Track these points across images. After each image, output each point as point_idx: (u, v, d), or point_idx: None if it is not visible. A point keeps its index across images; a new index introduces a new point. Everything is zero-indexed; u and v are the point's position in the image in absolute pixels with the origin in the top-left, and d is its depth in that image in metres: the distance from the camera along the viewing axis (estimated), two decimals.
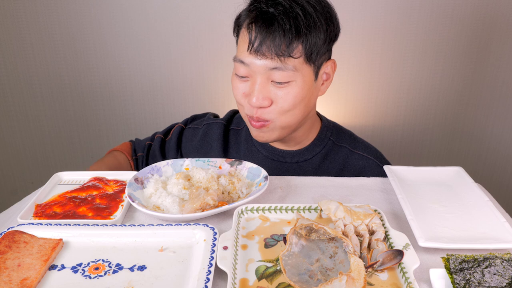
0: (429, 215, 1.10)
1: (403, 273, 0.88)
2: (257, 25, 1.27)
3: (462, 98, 2.53)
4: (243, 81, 1.35)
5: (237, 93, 1.37)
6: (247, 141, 1.58)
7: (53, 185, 1.28)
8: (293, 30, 1.24)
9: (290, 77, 1.29)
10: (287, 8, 1.25)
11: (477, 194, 1.16)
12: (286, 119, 1.36)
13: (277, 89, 1.31)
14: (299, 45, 1.27)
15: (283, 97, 1.31)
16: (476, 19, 2.35)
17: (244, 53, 1.30)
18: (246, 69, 1.32)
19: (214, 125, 1.63)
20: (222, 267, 0.88)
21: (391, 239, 0.98)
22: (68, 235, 1.02)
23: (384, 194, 1.24)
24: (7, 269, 0.90)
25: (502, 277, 0.86)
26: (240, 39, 1.35)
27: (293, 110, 1.34)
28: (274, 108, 1.33)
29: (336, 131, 1.56)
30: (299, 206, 1.12)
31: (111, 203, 1.16)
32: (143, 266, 0.94)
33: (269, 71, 1.29)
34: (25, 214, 1.10)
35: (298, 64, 1.29)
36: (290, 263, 0.90)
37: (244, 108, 1.38)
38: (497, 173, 2.64)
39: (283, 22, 1.24)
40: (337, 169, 1.51)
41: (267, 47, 1.26)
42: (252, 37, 1.27)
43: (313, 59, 1.31)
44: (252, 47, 1.27)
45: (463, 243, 0.98)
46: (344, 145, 1.53)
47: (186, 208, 1.08)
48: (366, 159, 1.51)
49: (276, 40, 1.25)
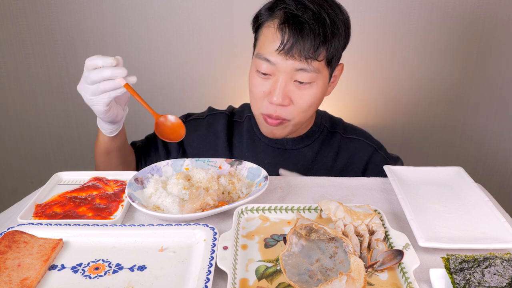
0: (429, 215, 1.10)
1: (403, 273, 0.88)
2: (290, 27, 1.31)
3: (462, 98, 2.53)
4: (264, 78, 1.38)
5: (257, 91, 1.41)
6: (249, 131, 1.61)
7: (53, 185, 1.28)
8: (321, 35, 1.30)
9: (313, 78, 1.35)
10: (316, 13, 1.30)
11: (477, 194, 1.17)
12: (301, 118, 1.43)
13: (298, 89, 1.37)
14: (324, 50, 1.33)
15: (303, 97, 1.37)
16: (475, 18, 2.35)
17: (272, 52, 1.34)
18: (271, 67, 1.36)
19: (219, 115, 1.66)
20: (222, 267, 0.88)
21: (391, 239, 0.98)
22: (68, 235, 1.02)
23: (384, 194, 1.24)
24: (7, 269, 0.90)
25: (502, 277, 0.86)
26: (265, 37, 1.38)
27: (309, 110, 1.42)
28: (293, 107, 1.39)
29: (329, 119, 1.66)
30: (299, 206, 1.12)
31: (111, 203, 1.16)
32: (143, 266, 0.94)
33: (294, 72, 1.34)
34: (25, 214, 1.10)
35: (320, 67, 1.36)
36: (290, 263, 0.90)
37: (261, 107, 1.42)
38: (497, 173, 2.64)
39: (314, 27, 1.30)
40: (333, 152, 1.58)
41: (297, 49, 1.31)
42: (285, 39, 1.31)
43: (332, 63, 1.39)
44: (284, 48, 1.31)
45: (463, 243, 0.98)
46: (337, 131, 1.61)
47: (186, 208, 1.08)
48: (357, 141, 1.60)
49: (306, 44, 1.30)
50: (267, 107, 1.40)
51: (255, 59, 1.40)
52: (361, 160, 1.58)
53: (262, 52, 1.37)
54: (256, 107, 1.46)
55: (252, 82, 1.42)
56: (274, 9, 1.36)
